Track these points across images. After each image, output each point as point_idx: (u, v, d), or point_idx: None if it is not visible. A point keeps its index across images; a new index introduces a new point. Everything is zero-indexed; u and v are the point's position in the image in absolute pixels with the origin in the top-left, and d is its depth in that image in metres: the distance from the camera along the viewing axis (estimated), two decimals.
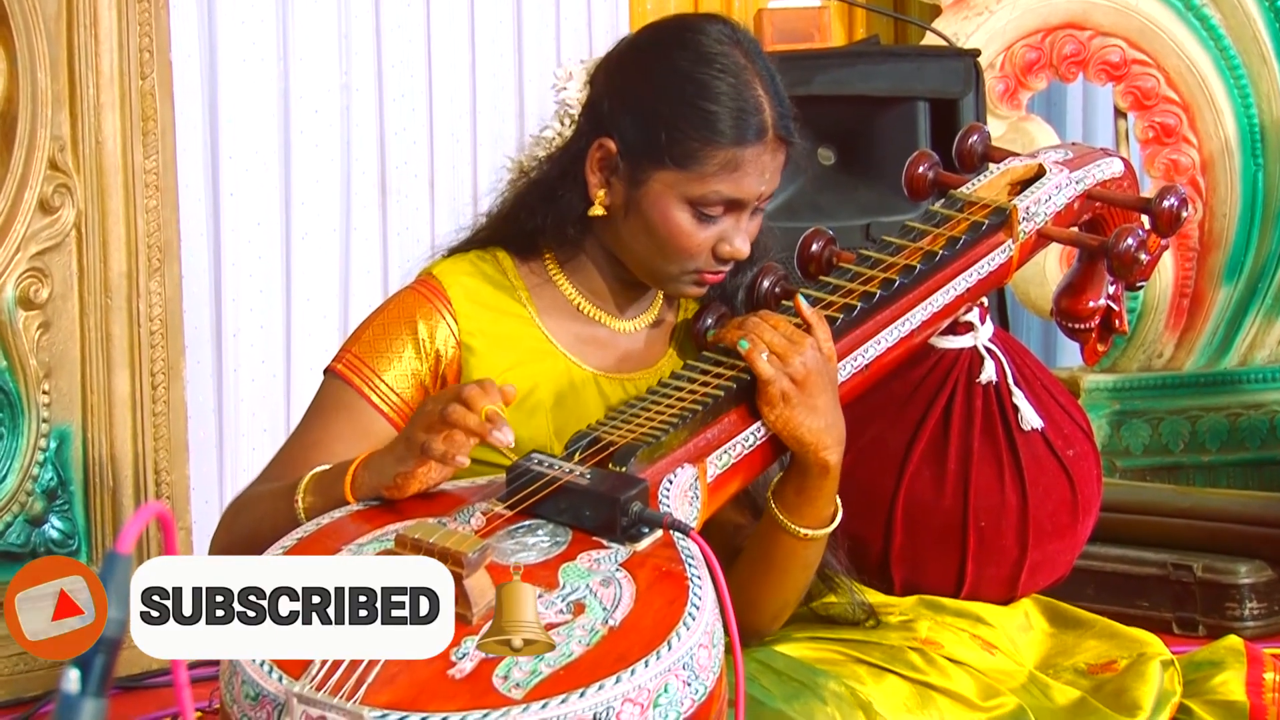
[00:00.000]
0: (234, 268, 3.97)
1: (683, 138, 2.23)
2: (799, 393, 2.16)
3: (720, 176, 2.24)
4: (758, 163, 2.25)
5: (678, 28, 2.36)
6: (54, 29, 3.31)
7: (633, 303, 2.40)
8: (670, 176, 2.25)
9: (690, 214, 2.25)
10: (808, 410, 2.16)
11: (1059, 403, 2.68)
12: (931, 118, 4.24)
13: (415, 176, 4.24)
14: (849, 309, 2.27)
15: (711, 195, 2.24)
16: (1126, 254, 2.33)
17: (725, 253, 2.27)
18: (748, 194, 2.26)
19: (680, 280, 2.30)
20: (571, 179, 2.32)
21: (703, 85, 2.25)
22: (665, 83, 2.27)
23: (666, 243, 2.26)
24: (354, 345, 2.32)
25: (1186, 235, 4.87)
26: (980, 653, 2.48)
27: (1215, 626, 3.66)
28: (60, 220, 3.34)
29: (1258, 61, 4.83)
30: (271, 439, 3.92)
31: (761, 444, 2.19)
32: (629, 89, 2.31)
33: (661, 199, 2.25)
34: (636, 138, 2.27)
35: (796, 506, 2.23)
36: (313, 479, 2.14)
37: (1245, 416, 4.89)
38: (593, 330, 2.38)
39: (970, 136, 2.54)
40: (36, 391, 3.31)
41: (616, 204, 2.30)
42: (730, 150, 2.23)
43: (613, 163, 2.29)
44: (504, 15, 4.37)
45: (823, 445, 2.18)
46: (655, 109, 2.26)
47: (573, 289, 2.37)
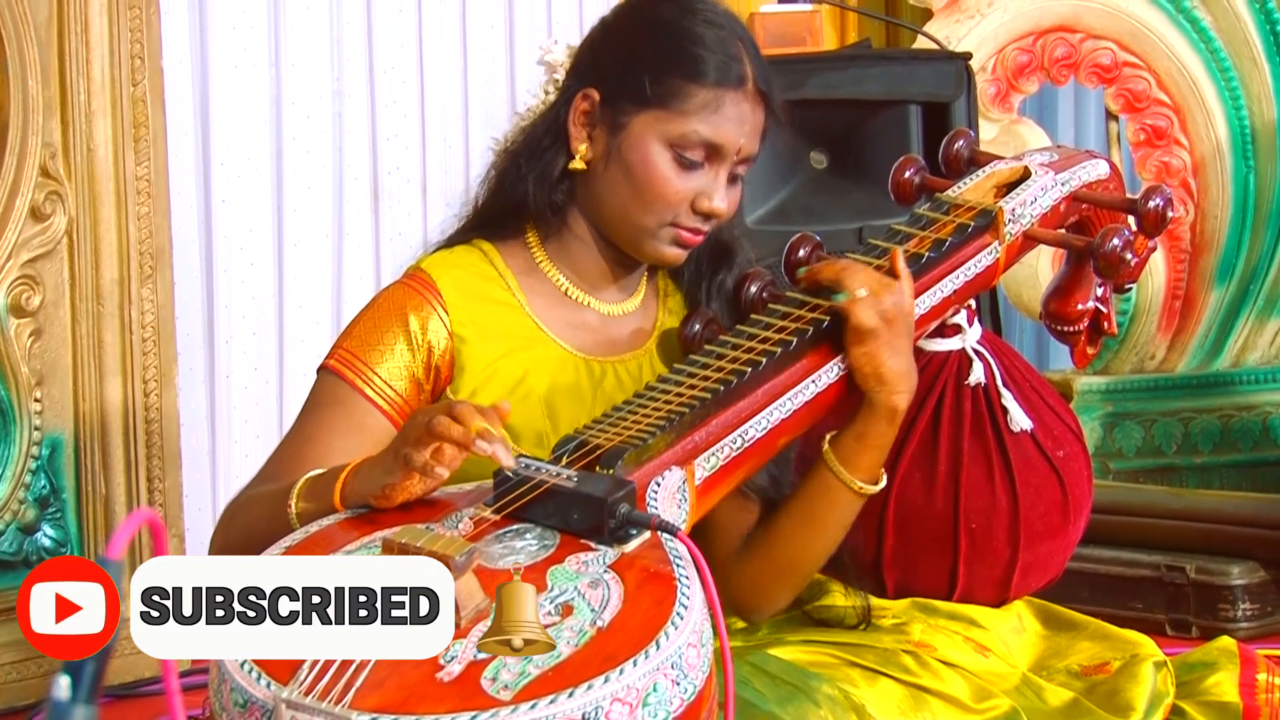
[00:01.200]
0: (226, 274, 3.97)
1: (666, 76, 2.28)
2: (887, 329, 2.21)
3: (700, 116, 2.27)
4: (737, 109, 2.29)
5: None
6: (45, 35, 3.32)
7: (618, 285, 2.41)
8: (651, 117, 2.28)
9: (670, 157, 2.28)
10: (892, 349, 2.22)
11: (1048, 404, 2.69)
12: (923, 121, 4.25)
13: (407, 182, 4.25)
14: (835, 310, 2.27)
15: (691, 135, 2.27)
16: (1112, 254, 2.33)
17: (704, 207, 2.29)
18: (726, 140, 2.28)
19: (658, 237, 2.31)
20: (554, 136, 2.36)
21: (687, 30, 2.30)
22: (650, 30, 2.33)
23: (645, 188, 2.29)
24: (346, 341, 2.34)
25: (1178, 237, 4.88)
26: (973, 655, 2.48)
27: (1208, 628, 3.66)
28: (52, 227, 3.34)
29: (1249, 64, 4.84)
30: (265, 445, 3.92)
31: (750, 446, 2.19)
32: (614, 39, 2.37)
33: (642, 141, 2.29)
34: (619, 82, 2.31)
35: (855, 454, 2.27)
36: (305, 484, 2.14)
37: (1237, 418, 4.90)
38: (581, 314, 2.39)
39: (956, 141, 2.54)
40: (28, 399, 3.31)
41: (598, 156, 2.33)
42: (711, 90, 2.27)
43: (595, 113, 2.33)
44: (495, 20, 4.38)
45: (898, 387, 2.23)
46: (639, 52, 2.31)
47: (558, 273, 2.39)
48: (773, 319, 2.25)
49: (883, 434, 2.27)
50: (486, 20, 4.36)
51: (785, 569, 2.33)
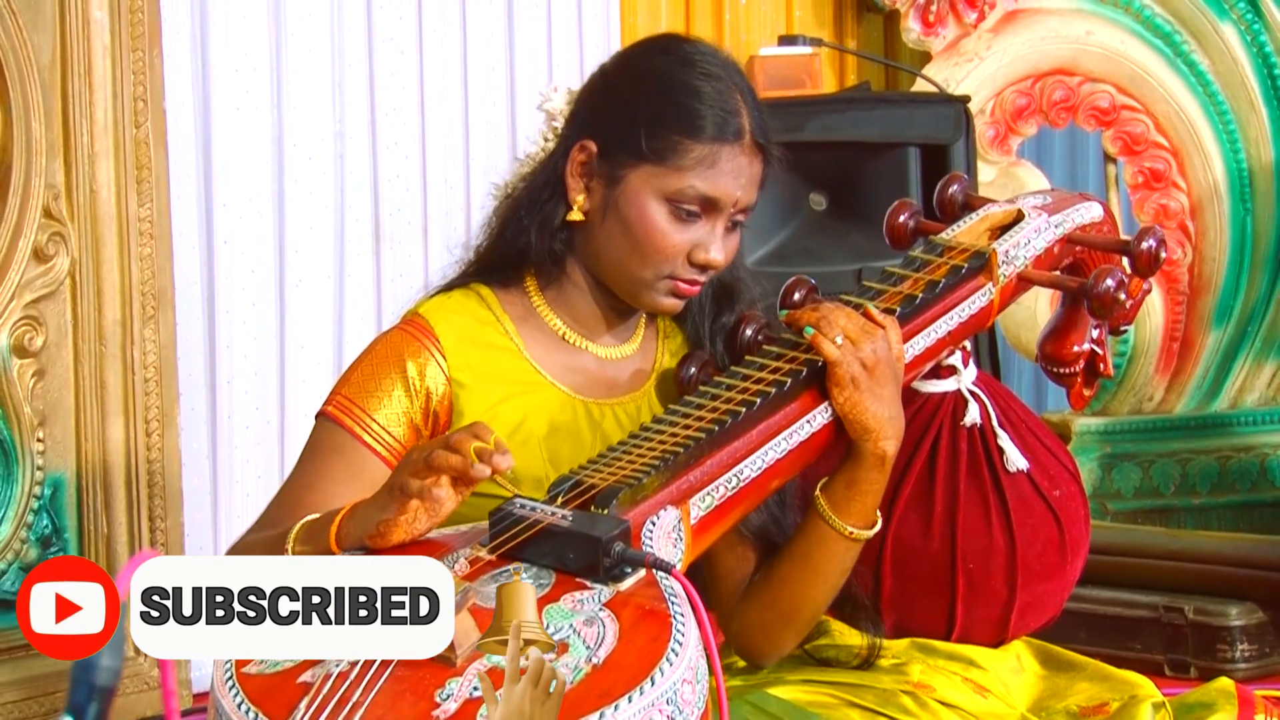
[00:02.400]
0: (228, 315, 3.98)
1: (662, 131, 2.27)
2: (868, 378, 2.20)
3: (697, 172, 2.26)
4: (734, 163, 2.28)
5: (664, 38, 2.43)
6: (49, 78, 3.33)
7: (616, 328, 2.41)
8: (648, 171, 2.27)
9: (667, 211, 2.27)
10: (874, 397, 2.21)
11: (1044, 444, 2.69)
12: (922, 163, 4.27)
13: (409, 223, 4.25)
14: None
15: (688, 190, 2.26)
16: (1106, 295, 2.34)
17: (700, 259, 2.29)
18: (723, 194, 2.28)
19: (655, 288, 2.31)
20: (553, 187, 2.35)
21: (684, 84, 2.29)
22: (647, 82, 2.32)
23: (643, 241, 2.28)
24: (344, 387, 2.33)
25: (1176, 279, 4.89)
26: (972, 695, 2.47)
27: (1207, 668, 3.66)
28: (55, 268, 3.35)
29: (1246, 107, 4.86)
30: (266, 486, 3.93)
31: (746, 485, 2.19)
32: (611, 91, 2.36)
33: (639, 195, 2.28)
34: (616, 136, 2.30)
35: (846, 501, 2.27)
36: (302, 528, 2.14)
37: (1235, 459, 4.91)
38: (579, 359, 2.39)
39: (950, 186, 2.55)
40: (31, 439, 3.32)
41: (595, 207, 2.32)
42: (708, 146, 2.26)
43: (592, 165, 2.32)
44: (496, 62, 4.40)
45: (884, 434, 2.23)
46: (636, 105, 2.30)
47: (556, 318, 2.38)
48: (767, 360, 2.26)
49: (873, 480, 2.27)
50: (487, 62, 4.38)
51: (787, 615, 2.33)
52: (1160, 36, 4.85)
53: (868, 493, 2.27)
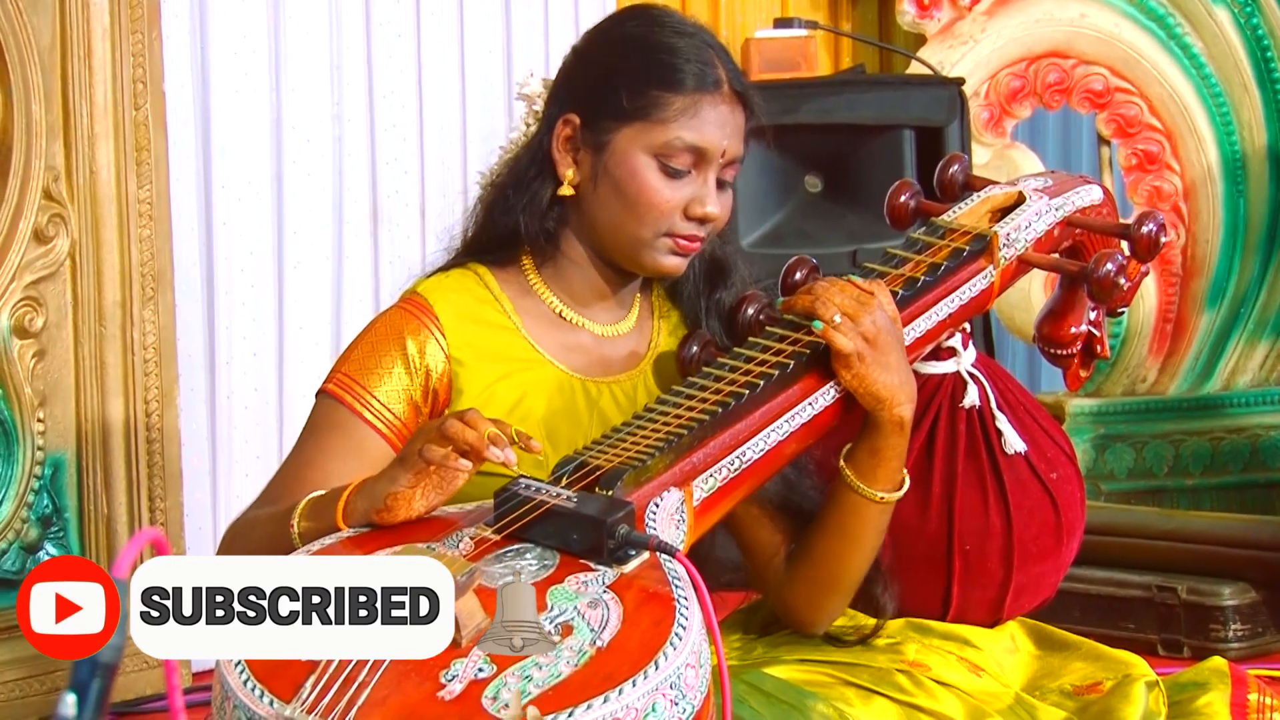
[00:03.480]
0: (227, 296, 3.98)
1: (643, 88, 2.29)
2: (872, 350, 2.21)
3: (681, 122, 2.28)
4: (716, 111, 2.30)
5: (630, 7, 2.46)
6: (48, 60, 3.33)
7: (611, 306, 2.42)
8: (633, 130, 2.30)
9: (657, 167, 2.29)
10: (881, 367, 2.21)
11: (1042, 426, 2.69)
12: (917, 145, 4.28)
13: (407, 205, 4.26)
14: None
15: (675, 142, 2.28)
16: (1106, 279, 2.35)
17: (697, 213, 2.31)
18: (711, 143, 2.29)
19: (656, 248, 2.32)
20: (540, 165, 2.37)
21: (659, 42, 2.32)
22: (621, 46, 2.35)
23: (636, 201, 2.30)
24: (344, 365, 2.34)
25: (1169, 261, 4.90)
26: (967, 675, 2.48)
27: (1200, 648, 3.67)
28: (55, 250, 3.36)
29: (1239, 89, 4.87)
30: (265, 465, 3.93)
31: (749, 467, 2.20)
32: (588, 62, 2.39)
33: (628, 155, 2.30)
34: (597, 103, 2.32)
35: (871, 469, 2.28)
36: (308, 504, 2.15)
37: (1228, 440, 4.92)
38: (576, 336, 2.40)
39: (951, 166, 2.56)
40: (31, 419, 3.32)
41: (585, 178, 2.34)
42: (690, 96, 2.29)
43: (577, 138, 2.34)
44: (494, 45, 4.40)
45: (897, 401, 2.23)
46: (614, 69, 2.33)
47: (553, 296, 2.40)
48: (770, 341, 2.27)
49: (895, 445, 2.28)
50: (484, 45, 4.38)
51: (831, 584, 2.35)
52: (1154, 19, 4.85)
53: (891, 457, 2.28)
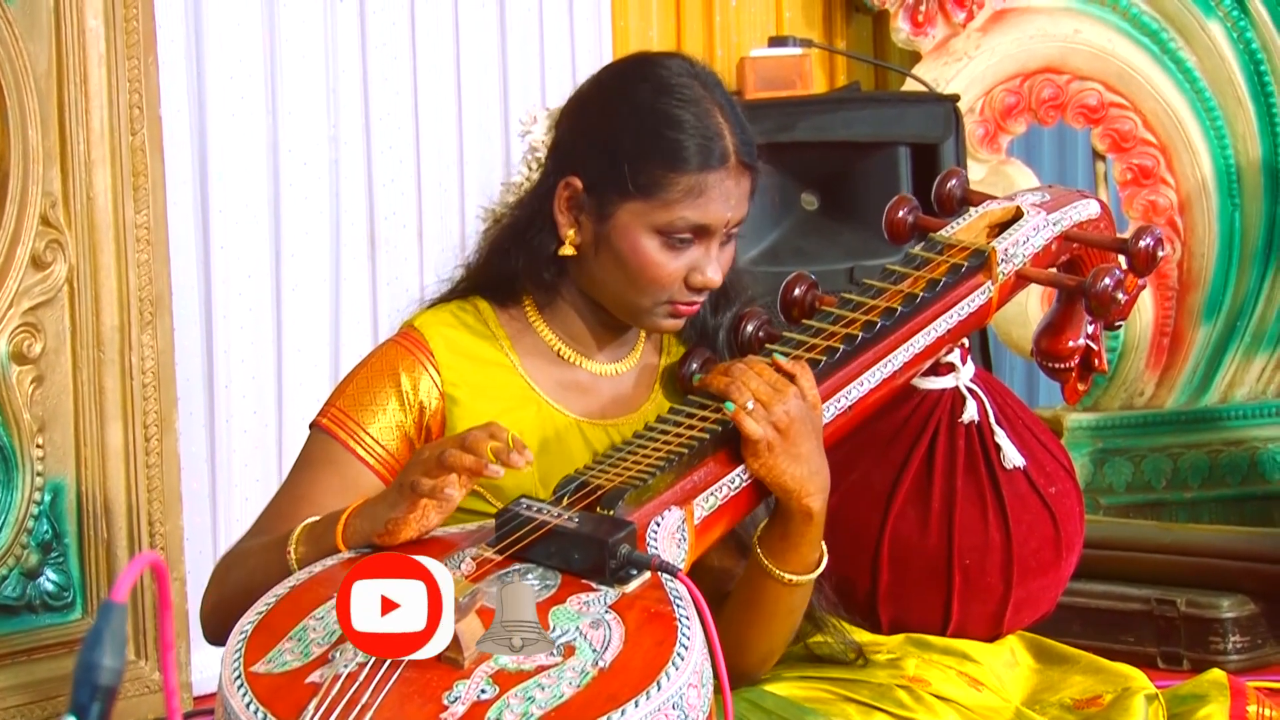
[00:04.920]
0: (225, 320, 3.98)
1: (646, 167, 2.25)
2: (782, 441, 2.15)
3: (685, 203, 2.25)
4: (722, 188, 2.26)
5: (638, 63, 2.39)
6: (45, 86, 3.33)
7: (612, 346, 2.41)
8: (636, 207, 2.26)
9: (659, 243, 2.27)
10: (791, 458, 2.16)
11: (1040, 441, 2.70)
12: (913, 162, 4.28)
13: (404, 227, 4.26)
14: (831, 351, 2.28)
15: (679, 222, 2.25)
16: (1104, 294, 2.35)
17: (697, 282, 2.29)
18: (714, 220, 2.27)
19: (655, 313, 2.31)
20: (541, 221, 2.34)
21: (664, 115, 2.27)
22: (627, 115, 2.30)
23: (638, 274, 2.28)
24: (338, 399, 2.34)
25: (1166, 275, 4.91)
26: (967, 689, 2.48)
27: (1199, 660, 3.68)
28: (52, 275, 3.35)
29: (1233, 103, 4.88)
30: (264, 489, 3.93)
31: (748, 486, 2.20)
32: (591, 125, 2.34)
33: (630, 231, 2.27)
34: (601, 172, 2.28)
35: (782, 552, 2.23)
36: (304, 530, 2.16)
37: (1226, 453, 4.92)
38: (574, 375, 2.39)
39: (949, 181, 2.56)
40: (31, 445, 3.32)
41: (586, 241, 2.32)
42: (694, 176, 2.25)
43: (579, 200, 2.30)
44: (489, 66, 4.40)
45: (806, 492, 2.18)
46: (618, 141, 2.28)
47: (552, 334, 2.39)
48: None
49: (803, 533, 2.22)
50: (481, 65, 4.38)
51: (745, 651, 2.30)
52: (1147, 34, 4.86)
53: (802, 543, 2.23)
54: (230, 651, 1.92)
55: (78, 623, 3.39)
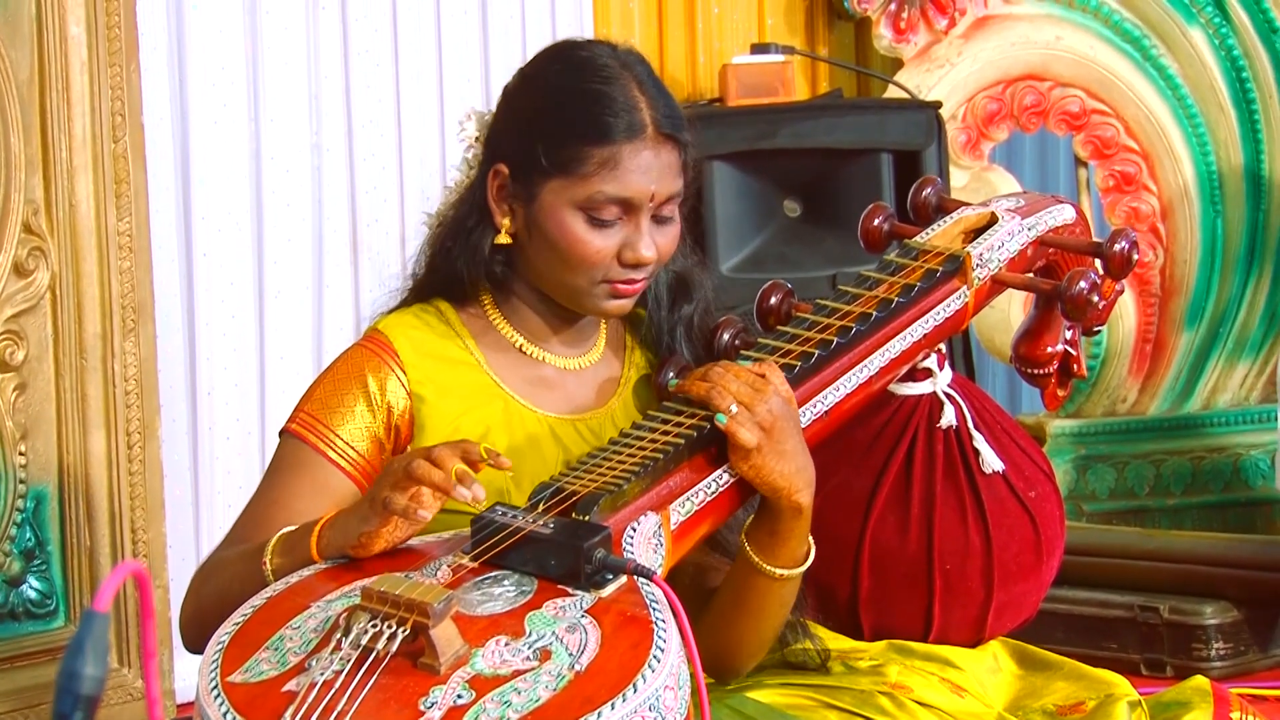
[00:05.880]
0: (208, 327, 3.99)
1: (560, 144, 2.26)
2: (768, 440, 2.16)
3: (601, 175, 2.24)
4: (638, 159, 2.25)
5: (558, 48, 2.41)
6: (26, 94, 3.33)
7: (570, 337, 2.41)
8: (556, 185, 2.26)
9: (584, 220, 2.26)
10: (778, 456, 2.17)
11: (1019, 445, 2.70)
12: (895, 169, 4.29)
13: (387, 234, 4.26)
14: (807, 357, 2.28)
15: (598, 196, 2.24)
16: (1079, 297, 2.35)
17: (629, 258, 2.27)
18: (635, 193, 2.25)
19: (594, 294, 2.30)
20: (478, 214, 2.35)
21: (577, 91, 2.27)
22: (543, 95, 2.31)
23: (568, 254, 2.27)
24: (307, 404, 2.34)
25: (1148, 281, 4.91)
26: (949, 696, 2.48)
27: (1182, 667, 3.68)
28: (35, 283, 3.35)
29: (1215, 109, 4.89)
30: (247, 496, 3.86)
31: (725, 490, 2.20)
32: (513, 110, 2.36)
33: (554, 210, 2.27)
34: (521, 154, 2.29)
35: (770, 547, 2.24)
36: (280, 540, 2.16)
37: (1208, 460, 4.93)
38: (539, 371, 2.39)
39: (924, 189, 2.57)
40: (13, 453, 3.32)
41: (520, 228, 2.32)
42: (608, 148, 2.24)
43: (508, 187, 2.31)
44: (472, 74, 4.41)
45: (795, 488, 2.19)
46: (535, 122, 2.29)
47: (511, 330, 2.38)
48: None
49: (792, 529, 2.23)
50: (463, 73, 4.39)
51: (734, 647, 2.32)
52: (1129, 41, 4.87)
53: (790, 539, 2.24)
54: (207, 662, 1.93)
55: (60, 630, 3.39)
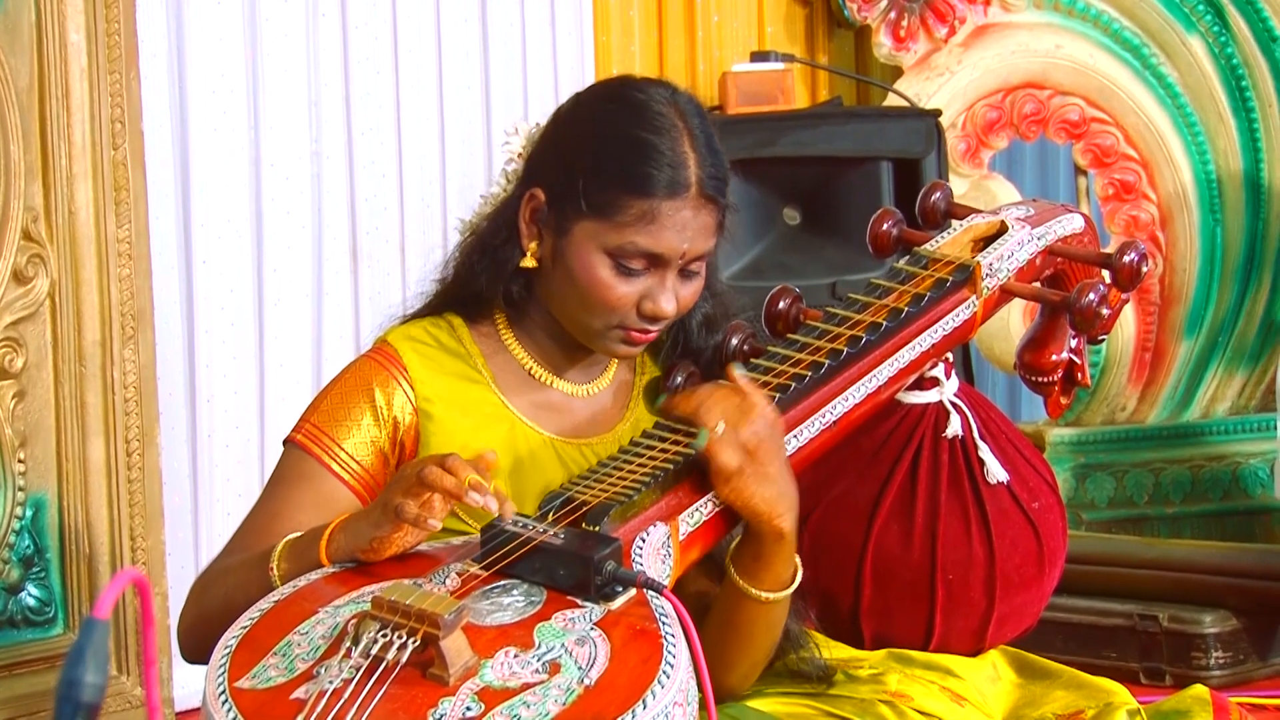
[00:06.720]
0: (207, 335, 3.98)
1: (601, 187, 2.23)
2: (751, 463, 2.14)
3: (637, 228, 2.22)
4: (677, 218, 2.23)
5: (618, 85, 2.38)
6: (26, 101, 3.33)
7: (583, 366, 2.39)
8: (590, 226, 2.24)
9: (610, 265, 2.24)
10: (759, 479, 2.14)
11: (1024, 456, 2.70)
12: (895, 177, 4.30)
13: (386, 242, 4.26)
14: (817, 366, 2.27)
15: (629, 246, 2.22)
16: (1088, 309, 2.35)
17: (648, 310, 2.25)
18: (667, 249, 2.23)
19: (607, 337, 2.29)
20: (508, 231, 2.33)
21: (629, 138, 2.24)
22: (593, 134, 2.28)
23: (587, 294, 2.25)
24: (312, 415, 2.33)
25: (1148, 290, 4.92)
26: (949, 704, 2.48)
27: (1181, 676, 3.69)
28: (34, 290, 3.35)
29: (1214, 118, 4.89)
30: (246, 504, 3.88)
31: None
32: (561, 140, 2.33)
33: (583, 249, 2.24)
34: (561, 187, 2.27)
35: (755, 571, 2.22)
36: (287, 545, 2.15)
37: (1207, 468, 4.94)
38: (547, 395, 2.38)
39: (933, 194, 2.56)
40: (12, 460, 3.31)
41: (546, 255, 2.30)
42: (649, 202, 2.21)
43: (542, 213, 2.29)
44: (472, 82, 4.41)
45: (776, 513, 2.16)
46: (580, 158, 2.26)
47: (524, 353, 2.37)
48: (756, 375, 2.26)
49: (775, 552, 2.20)
50: (463, 81, 4.39)
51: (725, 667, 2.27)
52: (1129, 49, 4.88)
53: (774, 562, 2.21)
54: (215, 667, 1.92)
55: (59, 638, 3.38)
